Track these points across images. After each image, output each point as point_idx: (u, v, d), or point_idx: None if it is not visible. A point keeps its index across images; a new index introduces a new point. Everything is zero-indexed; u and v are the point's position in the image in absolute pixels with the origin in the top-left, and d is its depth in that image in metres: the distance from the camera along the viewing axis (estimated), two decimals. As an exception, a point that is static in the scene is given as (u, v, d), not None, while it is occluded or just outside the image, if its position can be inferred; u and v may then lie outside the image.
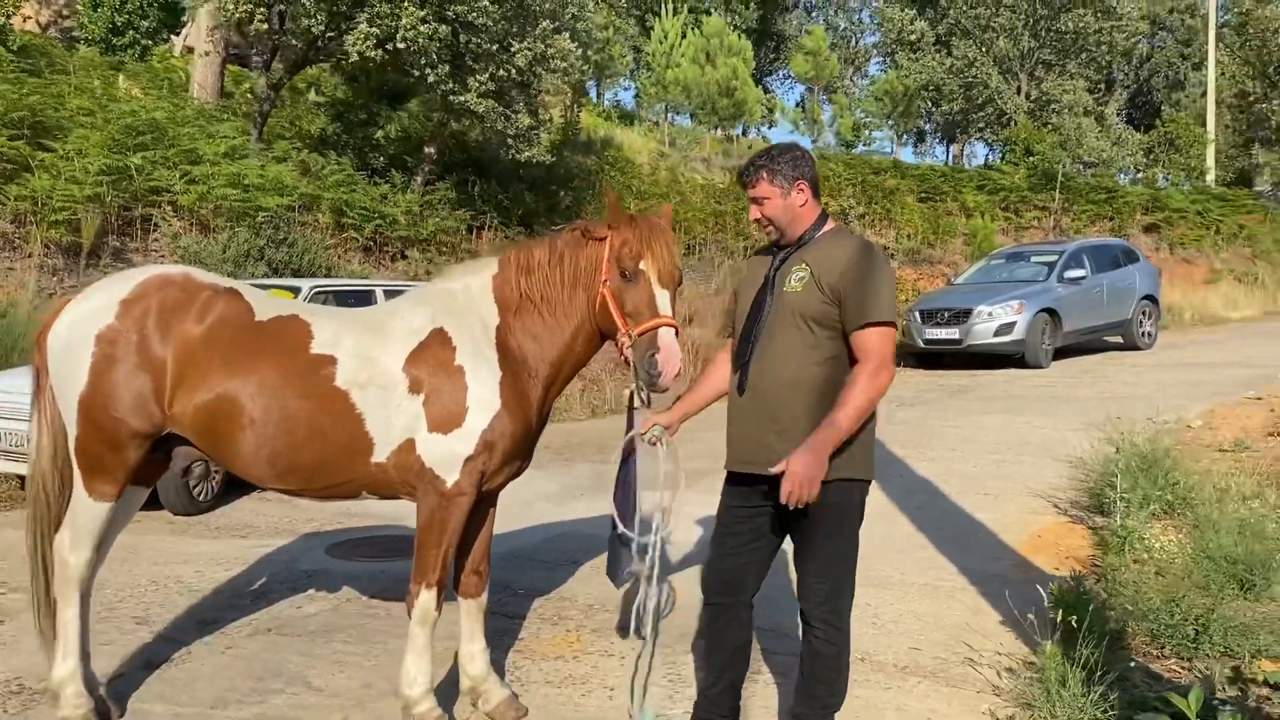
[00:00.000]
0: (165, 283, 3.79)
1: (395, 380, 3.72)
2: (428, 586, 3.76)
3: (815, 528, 3.39)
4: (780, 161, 3.47)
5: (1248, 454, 8.97)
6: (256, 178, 11.95)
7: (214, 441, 3.73)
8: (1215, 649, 4.70)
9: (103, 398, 3.66)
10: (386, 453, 3.73)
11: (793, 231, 3.49)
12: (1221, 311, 24.14)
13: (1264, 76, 34.88)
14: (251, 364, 3.69)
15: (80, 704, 3.79)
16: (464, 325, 3.82)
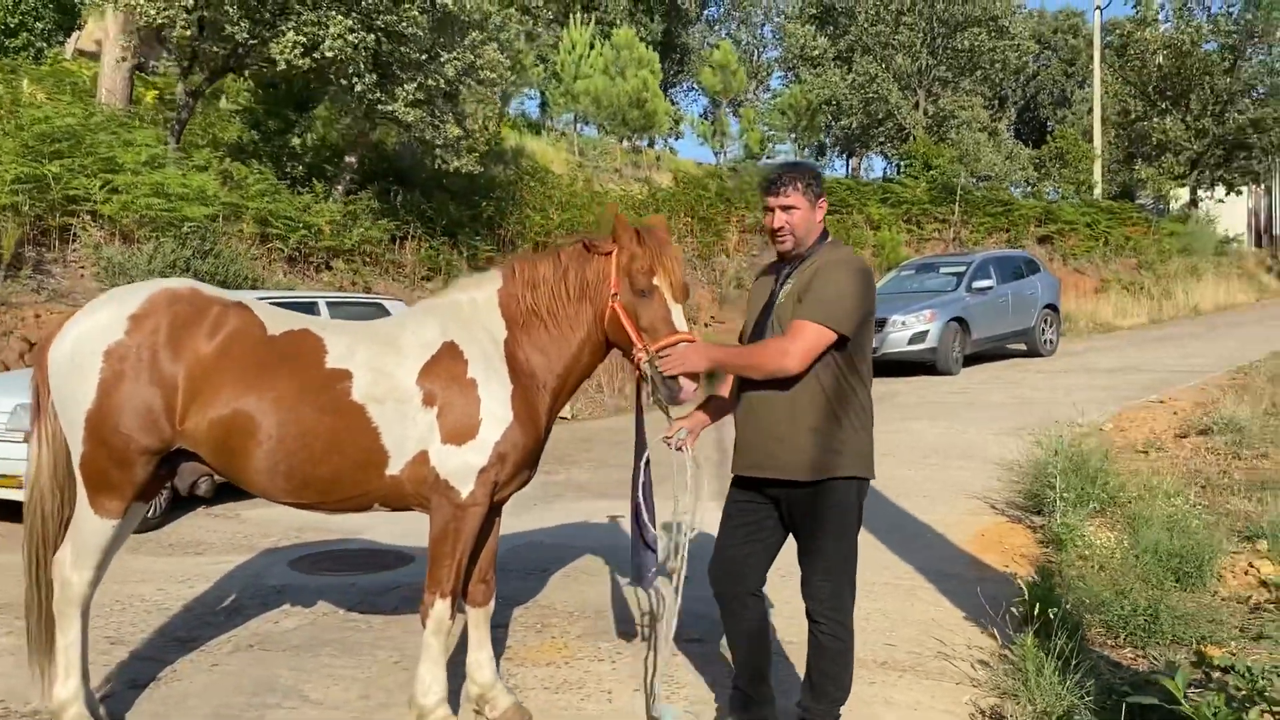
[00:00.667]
0: (174, 298, 3.76)
1: (410, 394, 3.76)
2: (442, 596, 3.80)
3: (820, 527, 3.59)
4: (809, 176, 3.68)
5: (1160, 454, 9.51)
6: (179, 187, 11.67)
7: (228, 457, 3.71)
8: (1165, 637, 5.01)
9: (112, 414, 3.62)
10: (400, 465, 3.77)
11: (805, 243, 3.69)
12: (1113, 319, 25.30)
13: (1144, 95, 36.68)
14: (268, 379, 3.69)
15: None
16: (474, 338, 3.88)
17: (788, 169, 3.71)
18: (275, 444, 3.67)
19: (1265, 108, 34.78)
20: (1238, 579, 6.05)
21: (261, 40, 12.48)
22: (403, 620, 5.31)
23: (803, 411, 3.55)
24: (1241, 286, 32.10)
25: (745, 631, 3.80)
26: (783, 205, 3.64)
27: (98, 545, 3.76)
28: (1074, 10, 51.02)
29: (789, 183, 3.64)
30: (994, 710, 4.24)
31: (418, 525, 6.89)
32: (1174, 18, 36.36)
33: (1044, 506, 7.47)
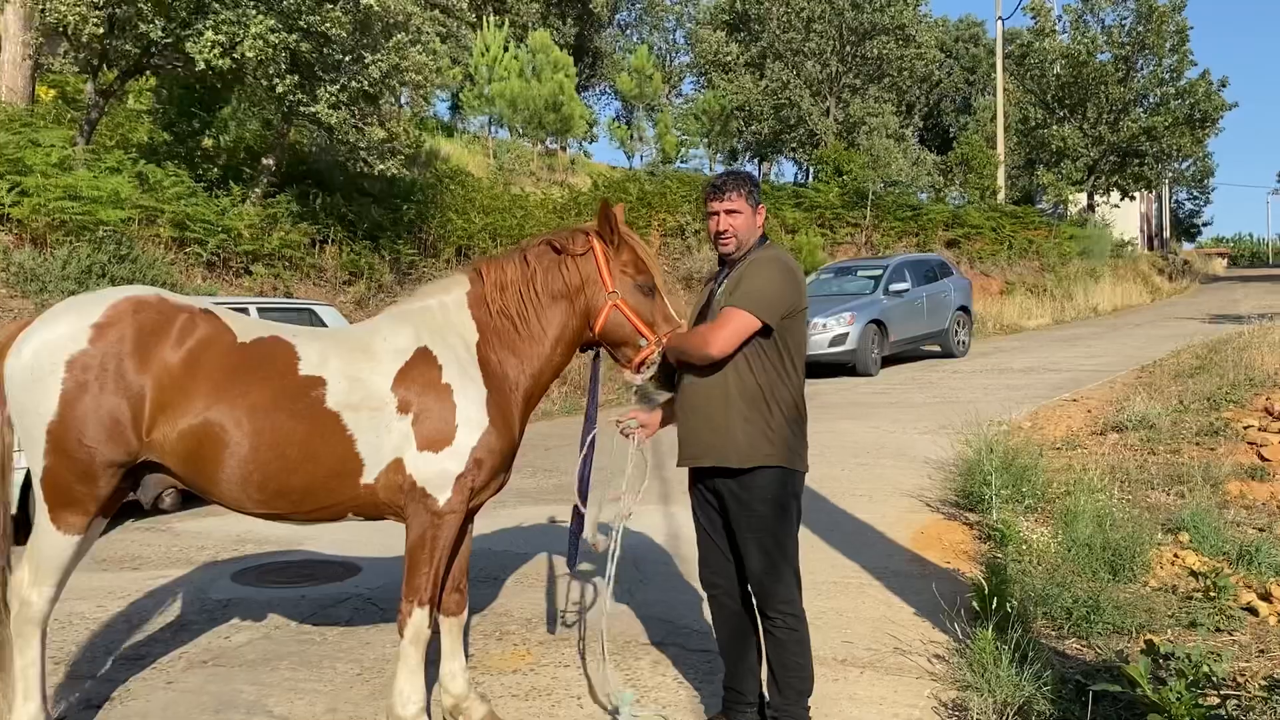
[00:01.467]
0: (139, 305, 3.65)
1: (384, 401, 3.72)
2: (420, 604, 3.77)
3: (752, 516, 3.71)
4: (751, 184, 3.85)
5: (1079, 451, 9.85)
6: (92, 190, 11.28)
7: (198, 467, 3.62)
8: (1106, 628, 5.21)
9: (75, 427, 3.49)
10: (375, 473, 3.72)
11: (745, 246, 3.83)
12: (1019, 320, 26.14)
13: (1044, 104, 37.99)
14: (239, 387, 3.61)
15: None
16: (447, 343, 3.86)
17: (731, 176, 3.87)
18: (248, 453, 3.59)
19: (1156, 116, 36.31)
20: (1165, 569, 6.31)
21: (176, 39, 12.15)
22: (358, 632, 5.24)
23: (734, 401, 3.69)
24: (1137, 288, 33.50)
25: (736, 630, 3.92)
26: (727, 209, 3.79)
27: (59, 563, 3.64)
28: (975, 20, 52.51)
29: (733, 188, 3.80)
30: (955, 702, 4.35)
31: (358, 535, 6.86)
32: (1070, 29, 37.72)
33: (977, 504, 7.69)
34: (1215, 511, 7.52)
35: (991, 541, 6.81)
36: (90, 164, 12.03)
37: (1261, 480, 8.75)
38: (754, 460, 3.66)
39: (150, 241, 11.80)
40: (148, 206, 11.93)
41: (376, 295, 14.75)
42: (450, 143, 27.24)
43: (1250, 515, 7.82)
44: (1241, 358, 13.54)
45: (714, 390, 3.73)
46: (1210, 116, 36.88)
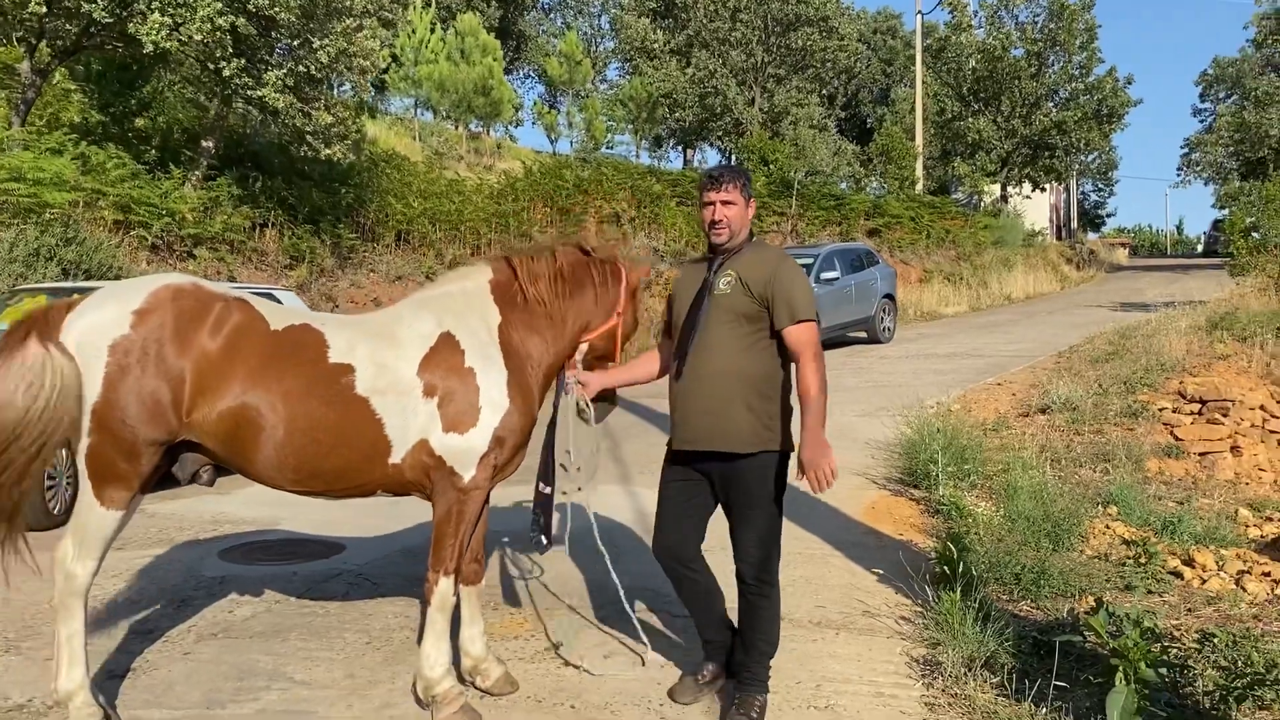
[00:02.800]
0: (178, 293, 3.83)
1: (410, 385, 3.95)
2: (446, 574, 4.02)
3: (754, 497, 4.01)
4: (746, 178, 4.15)
5: (1009, 432, 10.44)
6: (35, 171, 11.14)
7: (236, 449, 3.82)
8: (1052, 591, 5.70)
9: (118, 407, 3.67)
10: (402, 454, 3.96)
11: (739, 237, 4.10)
12: (937, 308, 26.99)
13: (960, 97, 39.08)
14: (274, 373, 3.80)
15: (92, 712, 3.79)
16: (469, 328, 4.12)
17: (728, 169, 4.15)
18: (284, 437, 3.79)
19: (1066, 111, 37.65)
20: (1099, 539, 6.86)
21: (118, 19, 12.03)
22: (358, 605, 5.47)
23: (740, 390, 3.95)
24: (1047, 276, 34.72)
25: (703, 592, 4.24)
26: (723, 200, 4.02)
27: (102, 537, 3.81)
28: (892, 13, 53.77)
29: (730, 180, 4.05)
30: (926, 658, 4.77)
31: (332, 516, 7.06)
32: (986, 25, 38.86)
33: (922, 480, 8.17)
34: (1138, 486, 8.14)
35: (940, 515, 7.28)
36: (31, 145, 11.85)
37: (1177, 458, 9.44)
38: (757, 446, 3.95)
39: (94, 224, 11.69)
40: (91, 189, 11.81)
41: (318, 279, 14.78)
42: (374, 125, 27.06)
43: (1169, 490, 8.47)
44: (1151, 344, 14.32)
45: (720, 379, 3.98)
46: (1116, 112, 38.36)
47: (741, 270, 4.01)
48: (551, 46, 43.04)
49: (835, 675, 4.57)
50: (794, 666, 4.65)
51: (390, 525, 7.05)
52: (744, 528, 4.04)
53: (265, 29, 12.78)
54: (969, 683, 4.38)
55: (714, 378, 3.98)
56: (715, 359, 3.99)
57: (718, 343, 4.00)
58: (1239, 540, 7.14)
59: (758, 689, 4.06)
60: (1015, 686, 4.27)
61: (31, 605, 5.26)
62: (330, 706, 4.20)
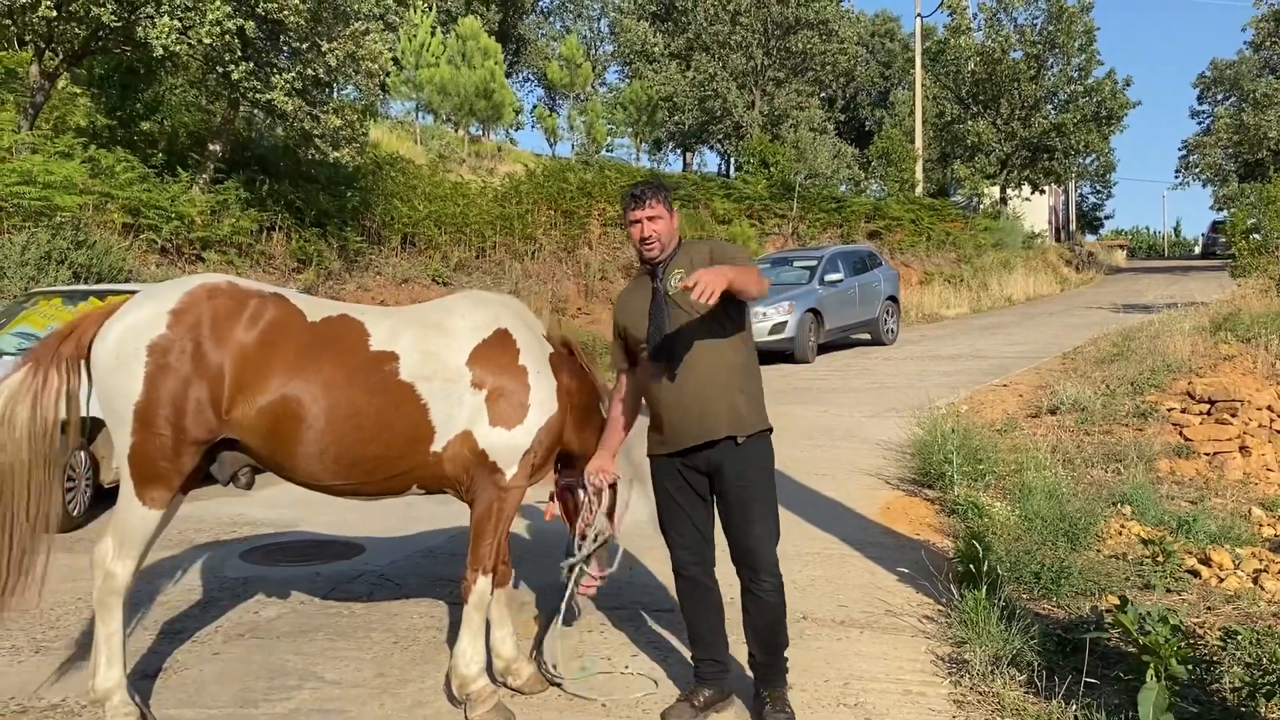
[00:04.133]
0: (213, 291, 3.86)
1: (459, 374, 3.98)
2: (484, 573, 4.05)
3: (752, 479, 4.04)
4: (666, 191, 4.20)
5: (1018, 433, 10.47)
6: (45, 175, 11.16)
7: (276, 443, 3.83)
8: (1071, 590, 5.73)
9: (159, 406, 3.69)
10: (445, 441, 3.97)
11: (669, 247, 4.15)
12: (938, 310, 27.03)
13: (959, 99, 39.16)
14: (313, 364, 3.82)
15: (129, 711, 3.82)
16: (522, 328, 4.19)
17: (649, 185, 4.17)
18: (325, 425, 3.80)
19: (1065, 114, 37.72)
20: (1114, 539, 6.89)
21: (126, 23, 12.04)
22: (382, 605, 5.49)
23: (734, 377, 4.05)
24: (1047, 278, 34.76)
25: (713, 605, 4.22)
26: (649, 216, 4.05)
27: (143, 537, 3.83)
28: (891, 15, 53.78)
29: (652, 196, 4.08)
30: (951, 656, 4.80)
31: (346, 518, 7.08)
32: (985, 27, 38.92)
33: (934, 481, 8.21)
34: (1151, 486, 8.18)
35: (955, 515, 7.31)
36: (40, 148, 11.87)
37: (1187, 458, 9.48)
38: (755, 427, 4.06)
39: (104, 227, 11.70)
40: (100, 192, 11.83)
41: (326, 282, 14.81)
42: (376, 128, 27.08)
43: (1181, 489, 8.51)
44: (1155, 345, 14.37)
45: (716, 371, 4.02)
46: (1115, 114, 38.43)
47: (687, 266, 4.04)
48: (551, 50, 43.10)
49: (862, 673, 4.60)
50: (821, 665, 4.68)
51: (408, 527, 7.07)
52: (748, 524, 4.03)
53: (273, 33, 12.81)
54: (996, 680, 4.41)
55: (699, 375, 4.02)
56: (695, 357, 4.03)
57: (695, 338, 4.04)
58: (1253, 539, 7.19)
59: (783, 683, 4.13)
60: (1043, 684, 4.29)
61: (60, 606, 5.28)
62: (363, 705, 4.22)
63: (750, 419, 4.05)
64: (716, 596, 4.22)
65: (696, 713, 4.13)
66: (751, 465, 4.05)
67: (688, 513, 4.13)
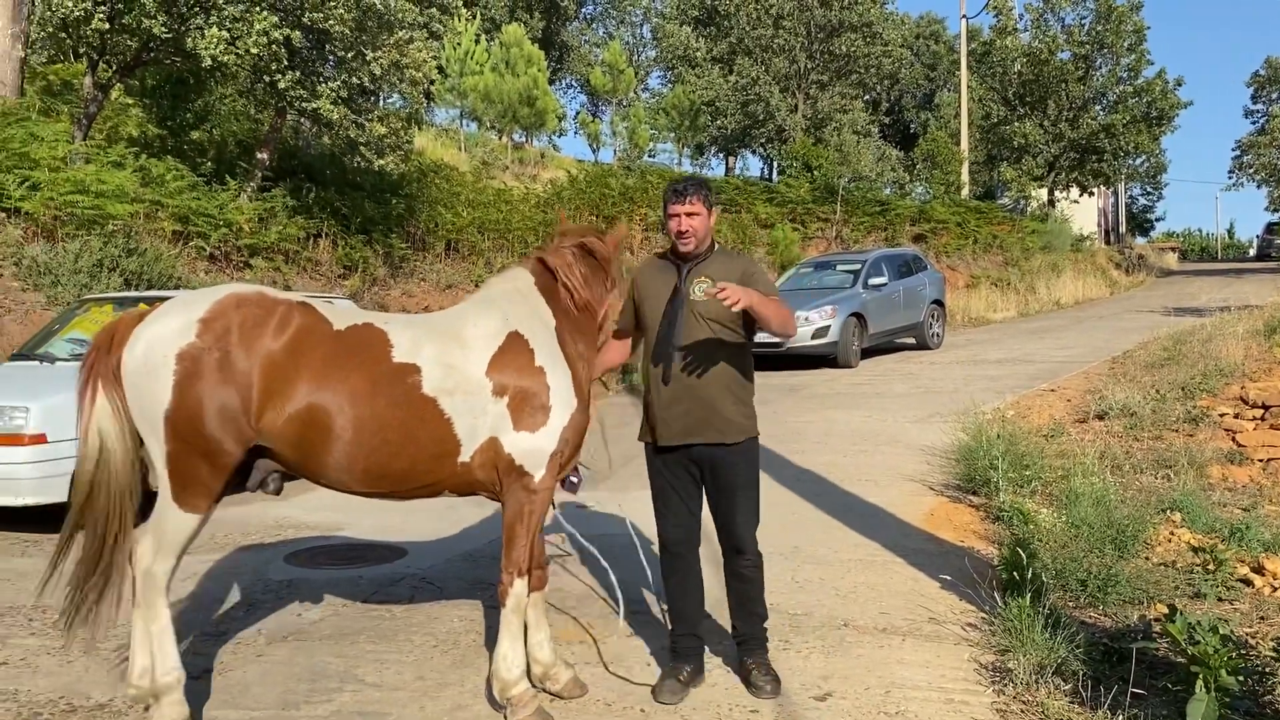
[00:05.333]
0: (241, 301, 3.88)
1: (480, 385, 3.99)
2: (520, 575, 4.06)
3: (741, 479, 4.39)
4: (708, 189, 4.44)
5: (1065, 438, 10.32)
6: (98, 184, 11.39)
7: (305, 452, 3.85)
8: (1119, 598, 5.63)
9: (190, 414, 3.72)
10: (471, 452, 3.99)
11: (702, 245, 4.40)
12: (985, 313, 26.75)
13: (1005, 101, 38.75)
14: (339, 375, 3.84)
15: (181, 712, 3.87)
16: (534, 328, 4.18)
17: (691, 182, 4.44)
18: (352, 437, 3.82)
19: (1114, 114, 37.19)
20: (1164, 546, 6.76)
21: (176, 34, 12.26)
22: (423, 608, 5.53)
23: (728, 384, 4.36)
24: (1096, 281, 34.28)
25: (696, 582, 4.53)
26: (688, 212, 4.30)
27: (181, 540, 3.88)
28: (936, 17, 53.32)
29: (693, 192, 4.33)
30: (994, 664, 4.73)
31: (392, 521, 7.14)
32: (1032, 28, 38.50)
33: (979, 487, 8.11)
34: (1202, 493, 8.01)
35: (1000, 522, 7.21)
36: (93, 158, 12.11)
37: (1240, 464, 9.27)
38: (745, 433, 4.39)
39: (154, 235, 11.91)
40: (151, 200, 12.05)
41: (371, 288, 14.97)
42: (421, 136, 27.36)
43: (1233, 496, 8.31)
44: (1207, 349, 14.10)
45: (710, 382, 4.33)
46: (1166, 115, 37.85)
47: (713, 276, 4.28)
48: (594, 56, 43.31)
49: (904, 681, 4.55)
50: (862, 672, 4.64)
51: (450, 529, 7.12)
52: (734, 510, 4.38)
53: (319, 42, 12.98)
54: (1040, 689, 4.35)
55: (701, 377, 4.32)
56: (699, 360, 4.32)
57: (699, 345, 4.32)
58: (1309, 548, 7.00)
59: (765, 649, 4.50)
60: (1088, 694, 4.22)
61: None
62: (403, 708, 4.25)
63: (740, 427, 4.37)
64: (697, 576, 4.52)
65: (683, 687, 4.36)
66: (739, 461, 4.38)
67: (679, 495, 4.44)
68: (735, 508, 4.36)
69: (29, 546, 6.94)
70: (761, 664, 4.41)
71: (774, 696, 4.29)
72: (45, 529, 6.90)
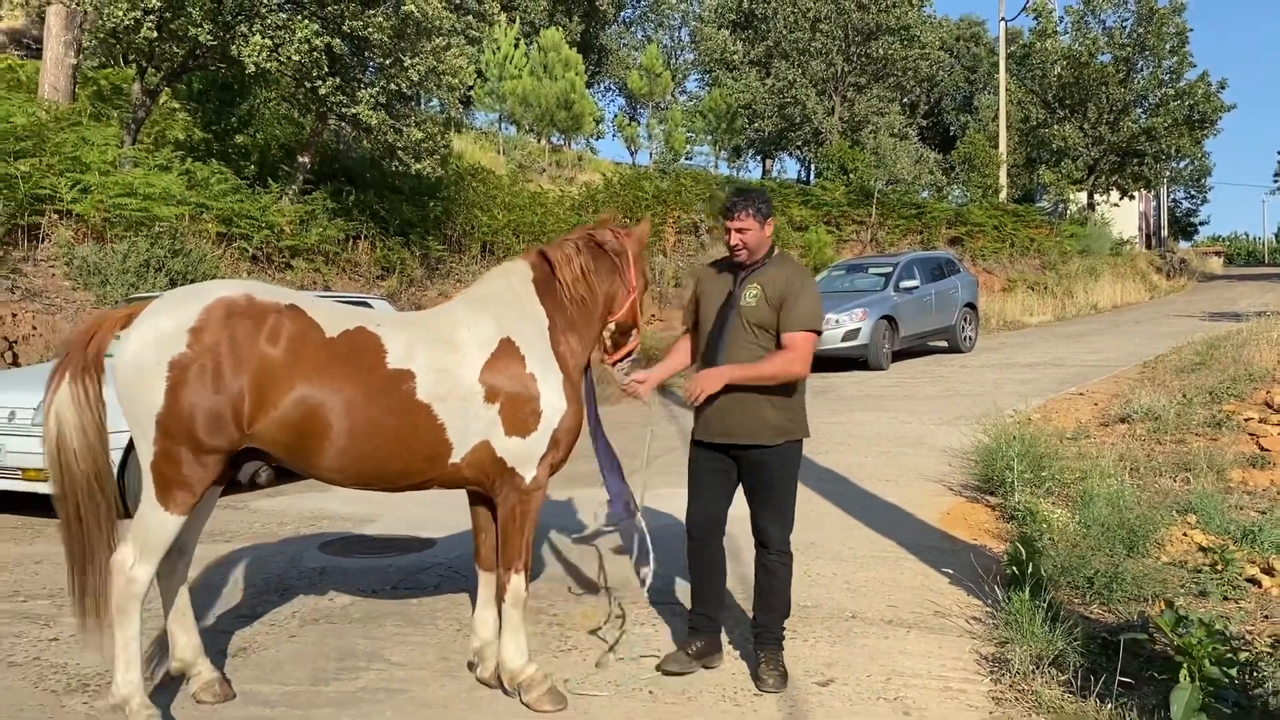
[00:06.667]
0: (231, 308, 3.86)
1: (473, 391, 4.09)
2: (517, 571, 4.25)
3: (777, 481, 4.60)
4: (759, 202, 4.60)
5: (1088, 441, 10.40)
6: (146, 187, 11.80)
7: (299, 455, 3.94)
8: (1124, 596, 5.76)
9: (181, 418, 3.74)
10: (462, 454, 4.12)
11: (758, 255, 4.64)
12: (1021, 317, 26.70)
13: (1045, 103, 38.55)
14: (333, 382, 3.88)
15: (150, 714, 3.87)
16: (526, 333, 4.28)
17: (740, 196, 4.61)
18: (346, 444, 3.90)
19: (1156, 117, 36.88)
20: (1175, 546, 6.87)
21: (221, 42, 12.65)
22: (448, 596, 5.78)
23: (766, 392, 4.50)
24: (1135, 286, 34.04)
25: (716, 568, 4.75)
26: (737, 227, 4.54)
27: (163, 541, 3.86)
28: (976, 19, 53.03)
29: (742, 209, 4.53)
30: (994, 655, 4.90)
31: (424, 513, 7.40)
32: (1072, 30, 38.26)
33: (997, 488, 8.24)
34: (1220, 496, 8.08)
35: (1015, 521, 7.35)
36: (141, 161, 12.53)
37: (1262, 469, 9.30)
38: (783, 437, 4.54)
39: (199, 236, 12.31)
40: (196, 203, 12.45)
41: (408, 289, 15.30)
42: (460, 139, 27.72)
43: (1252, 500, 8.37)
44: (1240, 354, 14.07)
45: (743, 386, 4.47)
46: (1209, 118, 37.51)
47: (765, 284, 4.56)
48: (632, 60, 43.54)
49: (905, 670, 4.73)
50: (864, 661, 4.83)
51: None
52: (767, 507, 4.58)
53: (359, 49, 13.33)
54: (1036, 679, 4.50)
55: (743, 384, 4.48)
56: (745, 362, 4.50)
57: (742, 350, 4.54)
58: (1323, 550, 7.07)
59: (778, 646, 4.62)
60: (1081, 684, 4.38)
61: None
62: (425, 686, 4.50)
63: (778, 430, 4.53)
64: (721, 560, 4.75)
65: (690, 660, 4.64)
66: (775, 462, 4.55)
67: (710, 487, 4.67)
68: (766, 506, 4.56)
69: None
70: (772, 659, 4.56)
71: (776, 691, 4.43)
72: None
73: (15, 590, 5.89)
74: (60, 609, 5.55)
